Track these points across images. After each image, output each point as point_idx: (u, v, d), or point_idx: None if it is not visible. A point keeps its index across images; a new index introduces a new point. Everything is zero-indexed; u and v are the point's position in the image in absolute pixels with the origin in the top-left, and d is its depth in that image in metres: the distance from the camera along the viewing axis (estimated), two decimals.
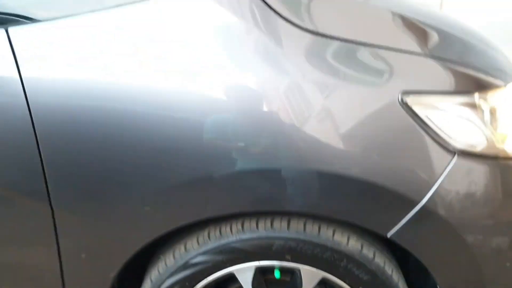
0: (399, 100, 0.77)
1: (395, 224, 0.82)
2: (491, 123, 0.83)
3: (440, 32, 0.94)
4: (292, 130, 0.78)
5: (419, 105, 0.78)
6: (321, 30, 0.81)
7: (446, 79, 0.81)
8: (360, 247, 0.91)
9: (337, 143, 0.79)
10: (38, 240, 0.92)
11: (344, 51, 0.81)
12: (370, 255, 0.91)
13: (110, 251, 0.92)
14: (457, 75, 0.82)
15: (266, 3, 0.80)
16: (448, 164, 0.79)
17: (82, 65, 0.81)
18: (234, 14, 0.80)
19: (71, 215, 0.88)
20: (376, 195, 0.81)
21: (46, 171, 0.82)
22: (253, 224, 0.92)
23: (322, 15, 0.85)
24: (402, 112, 0.77)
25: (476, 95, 0.81)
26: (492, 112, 0.83)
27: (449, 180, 0.79)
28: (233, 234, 0.93)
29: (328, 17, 0.86)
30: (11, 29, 0.82)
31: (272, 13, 0.80)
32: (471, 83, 0.82)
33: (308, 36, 0.80)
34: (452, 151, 0.79)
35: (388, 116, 0.78)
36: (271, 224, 0.91)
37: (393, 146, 0.79)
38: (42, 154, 0.82)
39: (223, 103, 0.79)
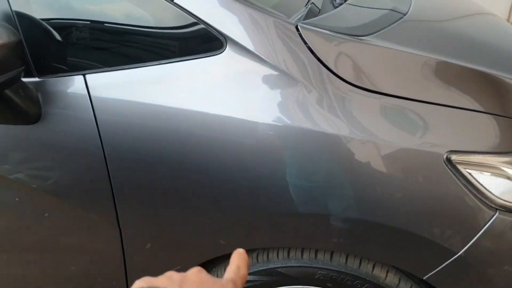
0: (444, 159, 0.81)
1: (433, 270, 0.88)
2: None
3: (491, 78, 0.94)
4: (346, 181, 0.85)
5: (463, 163, 0.81)
6: (370, 86, 0.85)
7: (492, 139, 0.83)
8: (397, 282, 0.97)
9: (384, 196, 0.84)
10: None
11: (393, 107, 0.84)
12: None
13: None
14: (504, 133, 0.84)
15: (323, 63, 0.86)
16: (489, 220, 0.82)
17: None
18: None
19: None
20: (417, 244, 0.86)
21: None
22: (299, 254, 1.01)
23: (371, 70, 0.88)
24: (447, 170, 0.81)
25: None
26: None
27: (489, 234, 0.83)
28: (279, 260, 1.03)
29: (377, 71, 0.89)
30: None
31: (325, 70, 0.85)
32: None
33: (359, 92, 0.85)
34: (494, 208, 0.82)
35: (433, 174, 0.82)
36: (315, 256, 0.99)
37: (436, 201, 0.83)
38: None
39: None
